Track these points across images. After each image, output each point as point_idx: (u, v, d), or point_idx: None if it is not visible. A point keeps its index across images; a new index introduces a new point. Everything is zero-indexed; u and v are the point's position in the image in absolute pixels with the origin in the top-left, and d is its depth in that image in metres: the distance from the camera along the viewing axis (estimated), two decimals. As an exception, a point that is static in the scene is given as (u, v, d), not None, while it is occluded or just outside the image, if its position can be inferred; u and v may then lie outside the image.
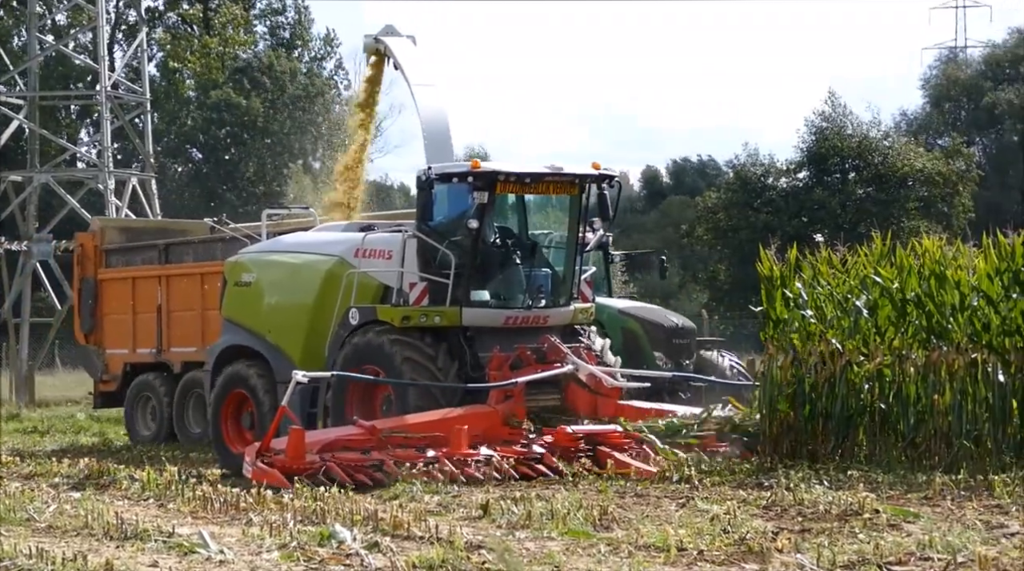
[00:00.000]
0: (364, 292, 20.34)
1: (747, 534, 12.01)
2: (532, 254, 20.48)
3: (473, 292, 19.97)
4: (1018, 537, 11.87)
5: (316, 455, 17.06)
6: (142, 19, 55.41)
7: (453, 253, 19.75)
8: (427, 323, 19.73)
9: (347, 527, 12.63)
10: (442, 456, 17.20)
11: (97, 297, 28.76)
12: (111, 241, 29.14)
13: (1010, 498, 14.05)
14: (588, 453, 17.89)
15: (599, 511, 13.54)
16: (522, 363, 19.31)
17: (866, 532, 12.18)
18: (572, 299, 20.70)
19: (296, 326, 20.99)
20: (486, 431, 18.21)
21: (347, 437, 17.79)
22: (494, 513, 13.85)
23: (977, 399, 17.11)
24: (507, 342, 19.69)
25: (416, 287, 19.97)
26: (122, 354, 28.35)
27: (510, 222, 20.78)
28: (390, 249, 20.31)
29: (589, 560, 11.22)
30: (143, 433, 27.52)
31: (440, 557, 11.04)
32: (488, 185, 19.57)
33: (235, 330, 21.89)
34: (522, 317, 20.20)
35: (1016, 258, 17.45)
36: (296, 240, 22.36)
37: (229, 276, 22.25)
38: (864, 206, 56.76)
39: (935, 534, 11.73)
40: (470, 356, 19.71)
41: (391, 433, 17.76)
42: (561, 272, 20.72)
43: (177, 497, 15.76)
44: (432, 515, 13.85)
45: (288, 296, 21.30)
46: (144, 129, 51.03)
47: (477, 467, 17.15)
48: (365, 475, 16.68)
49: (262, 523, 13.22)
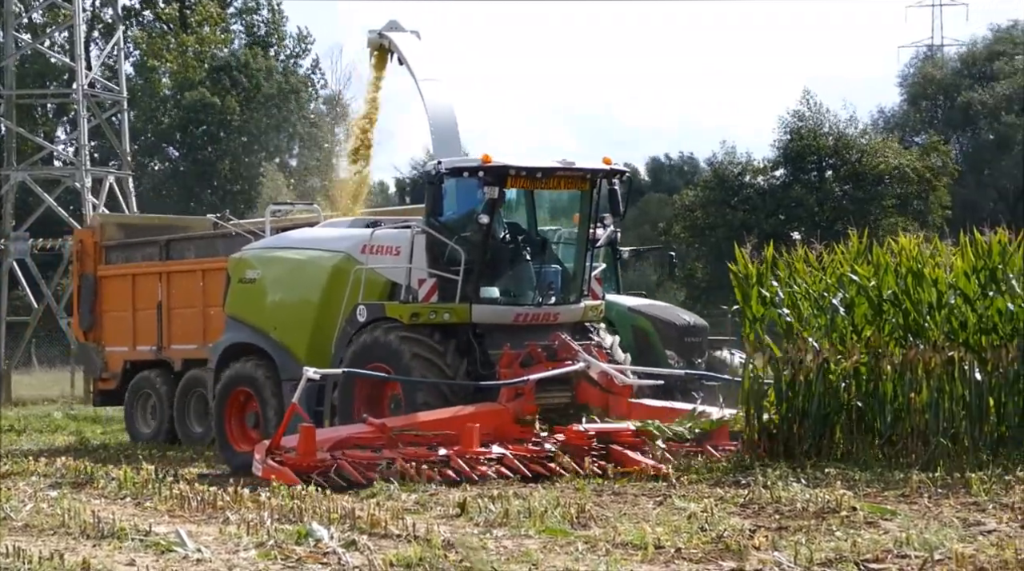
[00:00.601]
0: (371, 289, 20.12)
1: (724, 532, 12.02)
2: (542, 250, 20.25)
3: (483, 289, 19.76)
4: (995, 534, 11.89)
5: (327, 453, 16.85)
6: (119, 17, 55.28)
7: (463, 249, 19.51)
8: (436, 320, 19.52)
9: (324, 525, 12.61)
10: (454, 454, 17.01)
11: (97, 294, 28.43)
12: (111, 237, 28.79)
13: (987, 496, 14.08)
14: (601, 452, 17.62)
15: (576, 509, 13.54)
16: (533, 361, 19.01)
17: (843, 530, 12.20)
18: (582, 296, 20.50)
19: (302, 323, 20.78)
20: (497, 429, 18.00)
21: (358, 435, 17.60)
22: (472, 511, 13.84)
23: (954, 397, 17.14)
24: (517, 339, 19.37)
25: (425, 284, 19.75)
26: (122, 352, 27.98)
27: (518, 218, 20.47)
28: (398, 245, 20.09)
29: (566, 558, 11.22)
30: (143, 431, 27.19)
31: (417, 555, 11.03)
32: (499, 180, 19.31)
33: (239, 327, 21.66)
34: (532, 314, 19.98)
35: (993, 256, 17.49)
36: (301, 236, 22.12)
37: (233, 273, 22.01)
38: (841, 204, 56.86)
39: (912, 531, 11.75)
40: (479, 353, 19.51)
41: (402, 431, 17.56)
42: (571, 269, 20.51)
43: (154, 496, 15.73)
44: (409, 513, 13.84)
45: (293, 293, 21.07)
46: (121, 127, 50.91)
47: (489, 466, 16.97)
48: (377, 473, 16.50)
49: (239, 521, 13.19)
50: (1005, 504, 13.50)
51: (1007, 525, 12.41)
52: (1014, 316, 17.22)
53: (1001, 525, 12.41)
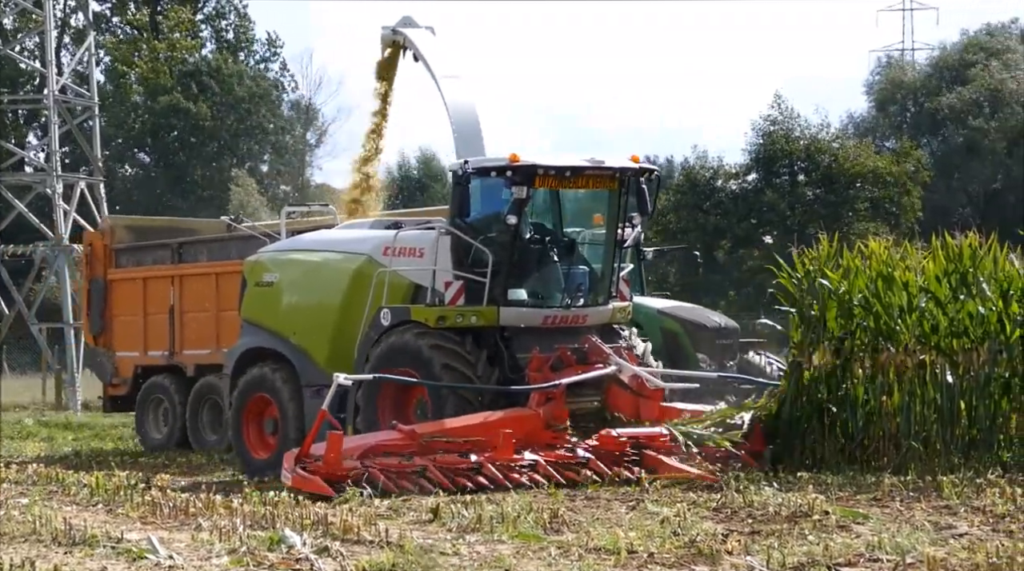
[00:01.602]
0: (394, 292, 19.62)
1: (697, 536, 12.04)
2: (570, 251, 19.78)
3: (510, 291, 19.27)
4: (966, 538, 11.93)
5: (356, 461, 16.41)
6: (90, 23, 55.09)
7: (490, 250, 19.06)
8: (463, 323, 19.04)
9: (297, 532, 12.59)
10: (486, 461, 16.60)
11: (107, 298, 27.96)
12: (121, 240, 28.30)
13: (958, 499, 14.12)
14: (634, 457, 17.15)
15: (549, 514, 13.55)
16: (563, 364, 18.62)
17: (815, 533, 12.22)
18: (610, 297, 19.99)
19: (322, 327, 20.35)
20: (527, 435, 17.43)
21: (387, 442, 17.09)
22: (444, 517, 13.83)
23: (925, 400, 17.19)
24: (545, 342, 18.96)
25: (452, 286, 19.27)
26: (132, 357, 27.58)
27: (544, 218, 19.97)
28: (422, 247, 19.61)
29: (539, 563, 11.23)
30: (154, 438, 26.78)
31: (390, 561, 11.03)
32: (527, 179, 18.89)
33: (256, 332, 21.17)
34: (560, 317, 19.47)
35: (964, 260, 17.55)
36: (319, 238, 21.62)
37: (249, 276, 21.51)
38: (813, 208, 56.97)
39: (884, 535, 11.79)
40: (507, 357, 19.04)
41: (432, 438, 17.04)
42: (599, 270, 19.97)
43: (126, 502, 15.65)
44: (382, 519, 13.83)
45: (313, 296, 20.57)
46: (92, 133, 50.77)
47: (522, 473, 16.53)
48: (409, 481, 16.16)
49: (211, 528, 13.16)
50: (976, 507, 13.55)
51: (978, 528, 12.45)
52: (985, 319, 17.28)
53: (973, 528, 12.45)
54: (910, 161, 58.81)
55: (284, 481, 16.55)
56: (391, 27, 27.75)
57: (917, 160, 59.75)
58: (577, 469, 16.74)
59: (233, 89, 71.77)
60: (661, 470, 16.65)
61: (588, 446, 17.29)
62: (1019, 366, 16.89)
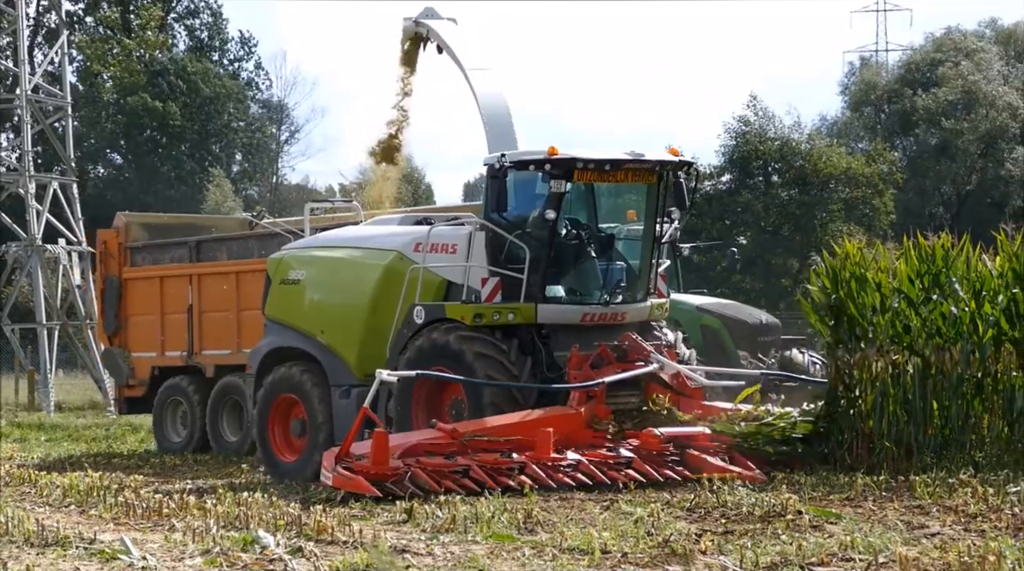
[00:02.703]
0: (426, 289, 19.14)
1: (671, 536, 12.05)
2: (608, 247, 19.30)
3: (548, 287, 18.78)
4: (939, 537, 11.97)
5: (398, 460, 16.02)
6: (63, 22, 54.92)
7: (527, 246, 18.59)
8: (500, 321, 18.56)
9: (270, 532, 12.58)
10: (529, 461, 16.30)
11: (122, 297, 27.37)
12: (136, 238, 27.65)
13: (931, 499, 14.17)
14: (676, 457, 16.88)
15: (523, 514, 13.56)
16: (603, 362, 18.18)
17: (789, 533, 12.25)
18: (648, 294, 19.57)
19: (352, 326, 19.80)
20: (569, 434, 17.08)
21: (428, 441, 16.68)
22: (418, 517, 13.84)
23: (898, 400, 17.23)
24: (583, 340, 18.48)
25: (488, 282, 18.79)
26: (149, 357, 27.00)
27: (579, 212, 19.42)
28: (454, 243, 19.14)
29: (513, 563, 11.23)
30: (173, 440, 26.25)
31: (364, 562, 11.02)
32: (566, 173, 18.46)
33: (281, 331, 20.67)
34: (599, 314, 18.99)
35: (936, 260, 17.60)
36: (347, 235, 21.17)
37: (274, 274, 20.95)
38: (788, 209, 57.07)
39: (857, 535, 11.82)
40: (545, 355, 18.56)
41: (473, 437, 16.68)
42: (637, 266, 19.52)
43: (99, 503, 15.63)
44: (356, 520, 13.82)
45: (342, 294, 20.06)
46: (65, 133, 50.61)
47: (566, 473, 16.25)
48: (452, 481, 15.86)
49: (185, 529, 13.14)
50: (949, 507, 13.59)
51: (951, 528, 12.50)
52: (957, 320, 17.33)
53: (945, 528, 12.50)
54: (883, 162, 58.94)
55: (324, 481, 16.24)
56: (413, 19, 27.18)
57: (890, 161, 59.88)
58: (620, 469, 16.45)
59: (199, 88, 71.59)
60: (706, 470, 16.41)
61: (630, 445, 17.01)
62: (991, 367, 16.93)
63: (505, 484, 15.79)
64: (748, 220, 56.72)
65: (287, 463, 19.90)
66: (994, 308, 17.13)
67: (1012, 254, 17.15)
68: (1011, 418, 16.57)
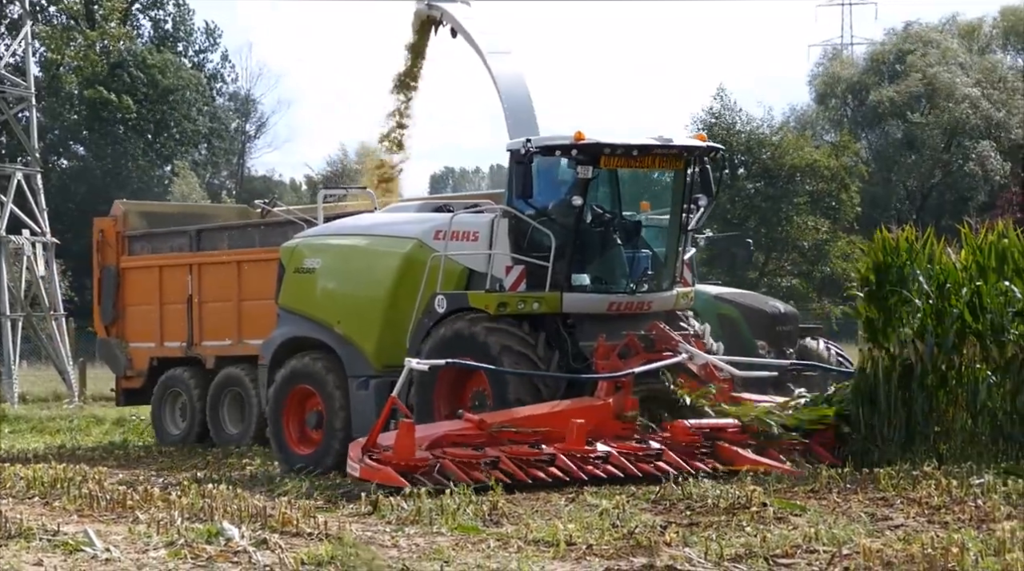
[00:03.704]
0: (447, 278, 18.65)
1: (636, 528, 12.07)
2: (634, 234, 18.83)
3: (574, 276, 18.28)
4: (902, 529, 12.02)
5: (426, 451, 15.71)
6: (26, 12, 54.65)
7: (553, 233, 18.12)
8: (525, 310, 18.04)
9: (235, 524, 12.56)
10: (559, 452, 15.99)
11: (119, 287, 26.87)
12: (134, 227, 27.12)
13: (894, 491, 14.21)
14: (707, 449, 16.58)
15: (488, 506, 13.57)
16: (630, 352, 17.74)
17: (753, 525, 12.28)
18: (674, 283, 19.07)
19: (370, 315, 19.32)
20: (597, 425, 16.61)
21: (456, 432, 16.30)
22: (384, 509, 13.83)
23: (863, 392, 17.27)
24: (609, 330, 18.00)
25: (512, 271, 18.30)
26: (148, 348, 26.47)
27: (602, 199, 18.85)
28: (476, 230, 18.68)
29: (478, 555, 11.23)
30: (172, 432, 25.76)
31: (329, 553, 11.01)
32: (593, 158, 17.98)
33: (296, 321, 20.14)
34: (625, 303, 18.49)
35: (900, 253, 17.64)
36: (363, 222, 20.70)
37: (288, 262, 20.39)
38: (754, 201, 57.21)
39: (821, 526, 11.86)
40: (570, 345, 18.08)
41: (501, 428, 16.28)
42: (663, 254, 19.05)
43: (63, 495, 15.57)
44: (321, 512, 13.81)
45: (359, 283, 19.58)
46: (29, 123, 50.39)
47: (596, 465, 15.94)
48: (482, 473, 15.55)
49: (149, 521, 13.10)
50: (912, 499, 13.64)
51: (914, 520, 12.54)
52: (922, 312, 17.37)
53: (908, 520, 12.55)
54: (848, 155, 59.12)
55: (351, 473, 15.96)
56: (426, 2, 26.53)
57: (855, 153, 60.06)
58: (651, 461, 16.19)
59: (157, 80, 71.38)
60: (738, 462, 16.21)
61: (660, 437, 16.73)
62: (955, 359, 16.98)
63: (535, 476, 15.56)
64: (714, 213, 56.77)
65: (302, 455, 19.41)
66: (958, 301, 17.19)
67: (976, 248, 17.20)
68: (975, 410, 16.63)
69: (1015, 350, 16.43)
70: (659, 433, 16.84)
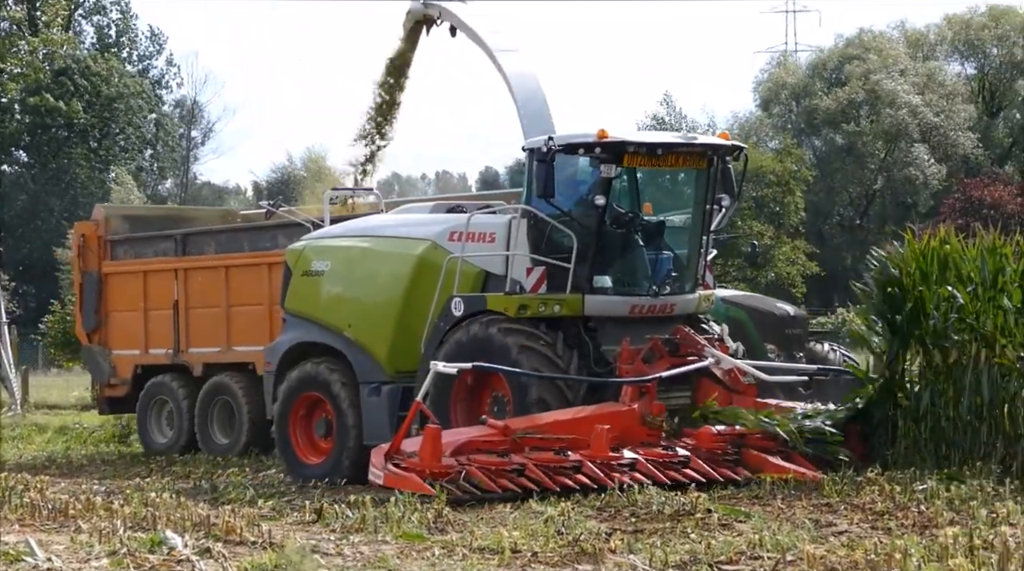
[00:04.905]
0: (463, 280, 18.16)
1: (581, 535, 12.07)
2: (656, 235, 18.38)
3: (595, 277, 17.83)
4: (846, 535, 12.07)
5: (452, 458, 15.33)
6: (-33, 18, 54.36)
7: (574, 233, 17.65)
8: (546, 312, 17.55)
9: (178, 533, 12.48)
10: (586, 459, 15.58)
11: (101, 293, 26.16)
12: (116, 231, 26.27)
13: (838, 497, 14.27)
14: (734, 456, 16.19)
15: (434, 514, 13.55)
16: (654, 356, 17.32)
17: (698, 532, 12.31)
18: (696, 285, 18.62)
19: (382, 319, 18.80)
20: (623, 432, 16.17)
21: (480, 438, 15.84)
22: (328, 517, 13.79)
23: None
24: (631, 333, 17.53)
25: (533, 272, 17.81)
26: (132, 355, 25.72)
27: (621, 198, 18.44)
28: (492, 231, 18.18)
29: (423, 563, 11.22)
30: (159, 441, 25.07)
31: (272, 562, 10.96)
32: (616, 157, 17.60)
33: (303, 325, 19.55)
34: (648, 306, 18.05)
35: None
36: (372, 224, 20.09)
37: (295, 265, 19.77)
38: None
39: (765, 533, 11.88)
40: (592, 349, 17.66)
41: (525, 434, 15.84)
42: (685, 255, 18.63)
43: (4, 504, 15.41)
44: (265, 520, 13.75)
45: (371, 286, 19.02)
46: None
47: (623, 472, 15.47)
48: (509, 480, 15.20)
49: (91, 530, 13.01)
50: (856, 505, 13.70)
51: (858, 526, 12.60)
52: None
53: (852, 526, 12.60)
54: (792, 160, 59.37)
55: (374, 480, 15.57)
56: (422, 0, 25.87)
57: (799, 159, 60.32)
58: (678, 468, 15.78)
59: (100, 88, 71.01)
60: (766, 469, 15.87)
61: (686, 444, 16.33)
62: (897, 365, 17.06)
63: (563, 484, 15.16)
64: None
65: (311, 465, 18.94)
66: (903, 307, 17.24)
67: (919, 254, 17.27)
68: (918, 416, 16.70)
69: (957, 356, 16.50)
70: (685, 440, 16.41)
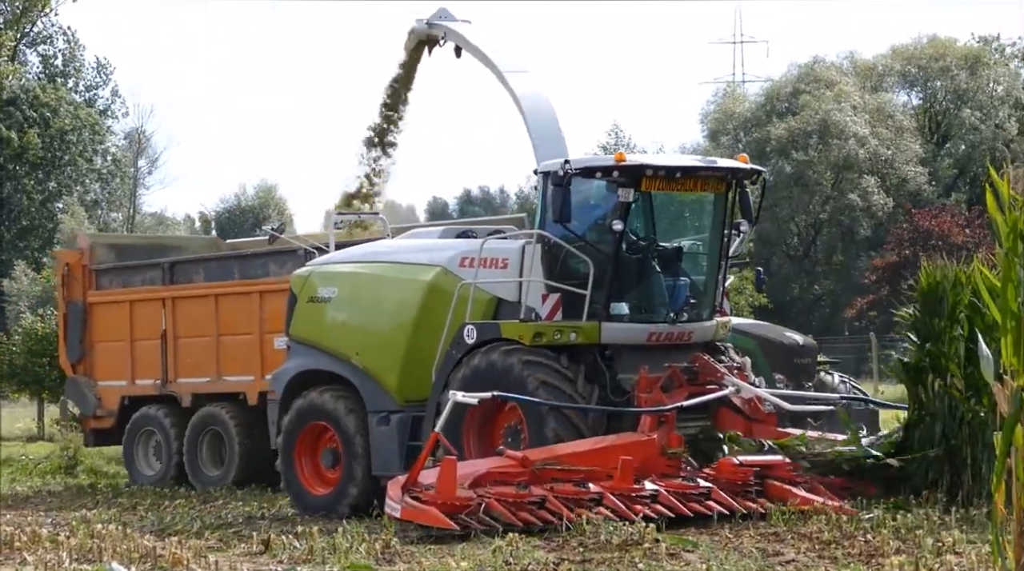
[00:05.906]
0: (475, 307, 17.69)
1: (529, 565, 12.08)
2: (674, 261, 17.95)
3: (612, 304, 17.33)
4: (793, 565, 12.12)
5: (469, 490, 14.92)
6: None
7: (591, 259, 17.21)
8: (562, 340, 17.05)
9: (124, 565, 12.43)
10: (607, 491, 15.18)
11: (86, 323, 25.81)
12: (101, 260, 25.98)
13: (786, 526, 14.32)
14: (757, 488, 15.74)
15: (382, 544, 13.53)
16: (673, 384, 16.96)
17: (646, 562, 12.32)
18: (714, 312, 18.17)
19: (391, 347, 18.35)
20: (643, 462, 15.76)
21: (499, 469, 15.41)
22: (275, 548, 13.74)
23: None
24: (649, 361, 17.08)
25: (548, 299, 17.33)
26: (118, 386, 25.30)
27: (636, 223, 17.99)
28: (505, 257, 17.74)
29: (371, 594, 11.19)
30: (146, 473, 24.63)
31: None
32: (634, 180, 17.17)
33: (309, 353, 19.12)
34: (666, 333, 17.59)
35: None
36: (380, 249, 19.72)
37: (300, 291, 19.34)
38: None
39: (713, 563, 11.92)
40: (609, 377, 17.17)
41: (544, 465, 15.43)
42: (702, 281, 18.21)
43: (-52, 537, 15.31)
44: (212, 551, 13.71)
45: (380, 313, 18.59)
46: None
47: (645, 504, 15.06)
48: (529, 513, 14.79)
49: (37, 562, 12.94)
50: (803, 534, 13.76)
51: (805, 555, 12.65)
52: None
53: (799, 555, 12.65)
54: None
55: (391, 513, 15.04)
56: (426, 20, 25.33)
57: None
58: (700, 500, 15.37)
59: (48, 118, 70.70)
60: (791, 501, 15.36)
61: (707, 475, 15.92)
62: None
63: (586, 518, 14.62)
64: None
65: (318, 496, 18.53)
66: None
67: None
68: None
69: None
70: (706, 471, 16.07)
